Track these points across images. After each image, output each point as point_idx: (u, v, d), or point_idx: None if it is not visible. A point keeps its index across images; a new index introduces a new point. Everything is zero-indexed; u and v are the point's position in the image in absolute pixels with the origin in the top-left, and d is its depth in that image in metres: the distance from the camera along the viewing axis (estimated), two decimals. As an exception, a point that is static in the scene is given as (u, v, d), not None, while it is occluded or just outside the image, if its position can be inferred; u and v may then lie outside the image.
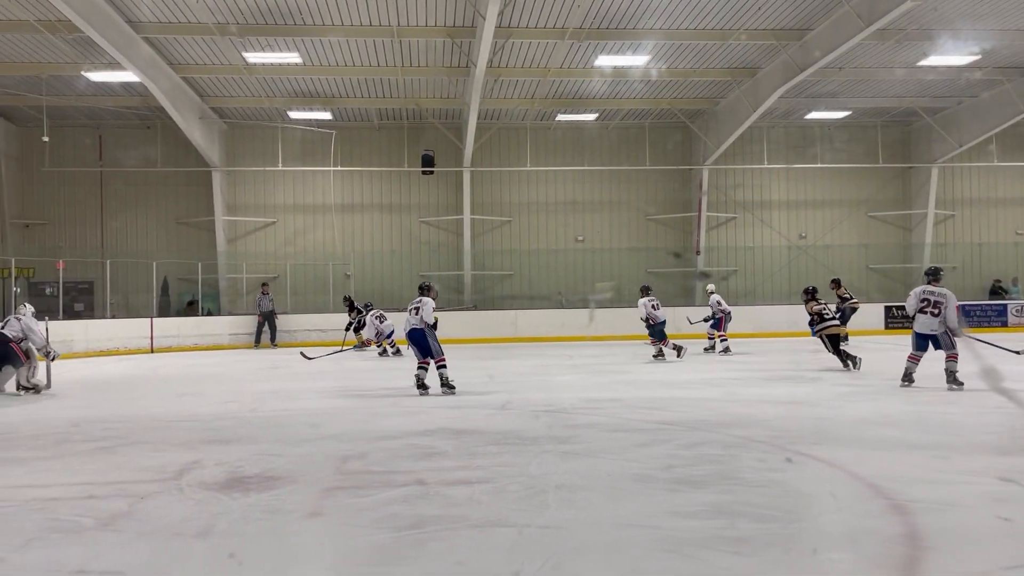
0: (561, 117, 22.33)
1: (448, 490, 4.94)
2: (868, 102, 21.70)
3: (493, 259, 23.22)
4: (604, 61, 17.79)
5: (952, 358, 9.12)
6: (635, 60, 17.83)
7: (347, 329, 17.19)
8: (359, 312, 17.19)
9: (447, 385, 9.51)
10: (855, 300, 15.01)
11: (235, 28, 15.47)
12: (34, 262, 19.80)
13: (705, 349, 15.47)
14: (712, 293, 15.98)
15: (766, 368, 12.62)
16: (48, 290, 20.05)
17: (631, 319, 16.18)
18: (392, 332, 15.45)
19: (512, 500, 4.72)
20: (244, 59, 17.12)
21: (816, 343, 12.65)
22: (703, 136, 22.37)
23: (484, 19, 13.72)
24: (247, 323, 19.60)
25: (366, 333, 16.28)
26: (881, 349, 15.30)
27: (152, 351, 17.99)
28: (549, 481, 5.14)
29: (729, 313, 15.65)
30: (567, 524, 4.26)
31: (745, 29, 16.36)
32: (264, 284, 19.75)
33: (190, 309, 21.13)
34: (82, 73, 17.42)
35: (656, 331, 14.12)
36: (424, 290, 9.98)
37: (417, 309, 9.63)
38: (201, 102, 20.11)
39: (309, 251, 22.67)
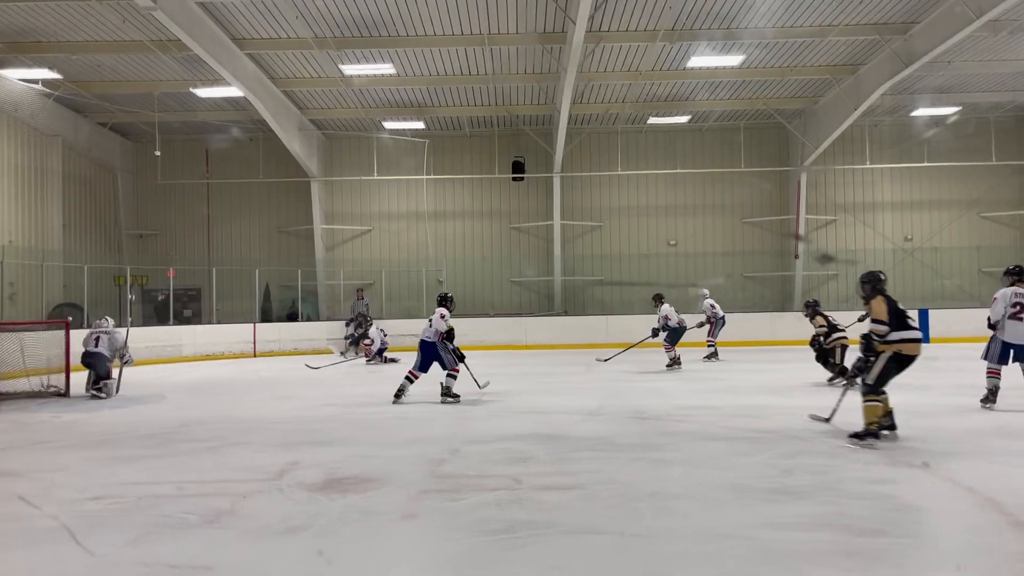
0: (653, 120, 22.05)
1: (541, 495, 4.92)
2: (980, 97, 20.55)
3: (584, 264, 23.12)
4: (697, 62, 17.46)
5: None
6: (730, 60, 17.43)
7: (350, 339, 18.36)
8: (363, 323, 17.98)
9: (449, 394, 9.56)
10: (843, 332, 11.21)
11: (332, 41, 15.94)
12: (147, 270, 20.90)
13: (705, 358, 15.14)
14: (706, 297, 15.73)
15: (871, 376, 12.05)
16: (160, 297, 21.12)
17: (729, 325, 15.82)
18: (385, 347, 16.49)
19: (605, 507, 4.66)
20: (341, 71, 17.61)
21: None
22: (801, 136, 21.68)
23: (575, 24, 13.69)
24: (345, 328, 20.10)
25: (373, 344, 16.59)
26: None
27: (255, 355, 18.67)
28: (643, 489, 5.05)
29: (723, 319, 15.45)
30: (663, 533, 4.17)
31: (845, 24, 15.78)
32: (359, 289, 20.20)
33: (291, 314, 21.86)
34: (191, 90, 18.30)
35: (675, 337, 13.80)
36: (441, 301, 9.98)
37: (431, 321, 9.70)
38: (300, 114, 20.80)
39: (403, 258, 23.11)
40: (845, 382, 9.25)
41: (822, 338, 11.13)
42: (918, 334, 6.66)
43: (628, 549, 3.92)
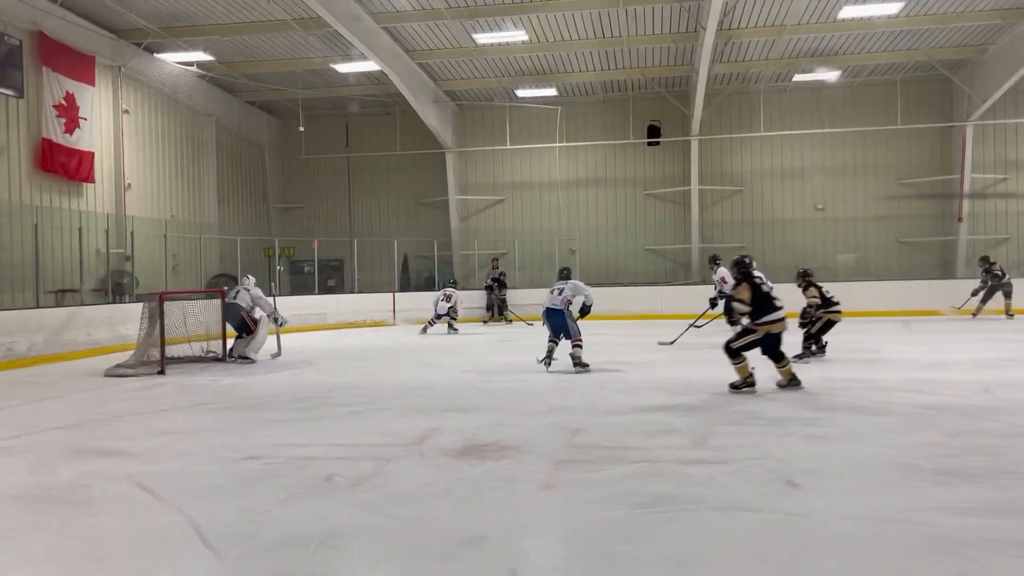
0: (798, 78, 20.81)
1: (685, 469, 4.72)
2: None
3: (723, 231, 22.29)
4: (850, 12, 16.23)
5: None
6: (886, 8, 16.07)
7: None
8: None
9: (580, 364, 9.51)
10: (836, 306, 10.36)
11: (465, 11, 15.95)
12: (293, 242, 21.89)
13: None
14: (719, 266, 13.57)
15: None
16: (306, 268, 22.06)
17: (881, 293, 14.84)
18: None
19: (755, 484, 4.40)
20: (473, 40, 17.63)
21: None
22: (967, 89, 19.87)
23: (714, -23, 13.05)
24: (481, 297, 20.35)
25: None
26: None
27: (395, 323, 19.22)
28: (795, 466, 4.75)
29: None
30: (817, 513, 3.89)
31: (1022, -40, 14.25)
32: (494, 259, 20.34)
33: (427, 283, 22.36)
34: (331, 66, 18.86)
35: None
36: (569, 273, 10.25)
37: (561, 290, 9.79)
38: (435, 86, 21.05)
39: (536, 227, 23.08)
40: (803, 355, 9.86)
41: (813, 310, 10.16)
42: (781, 314, 7.60)
43: (780, 528, 3.68)
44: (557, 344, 9.82)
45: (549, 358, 9.74)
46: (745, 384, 7.52)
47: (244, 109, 22.64)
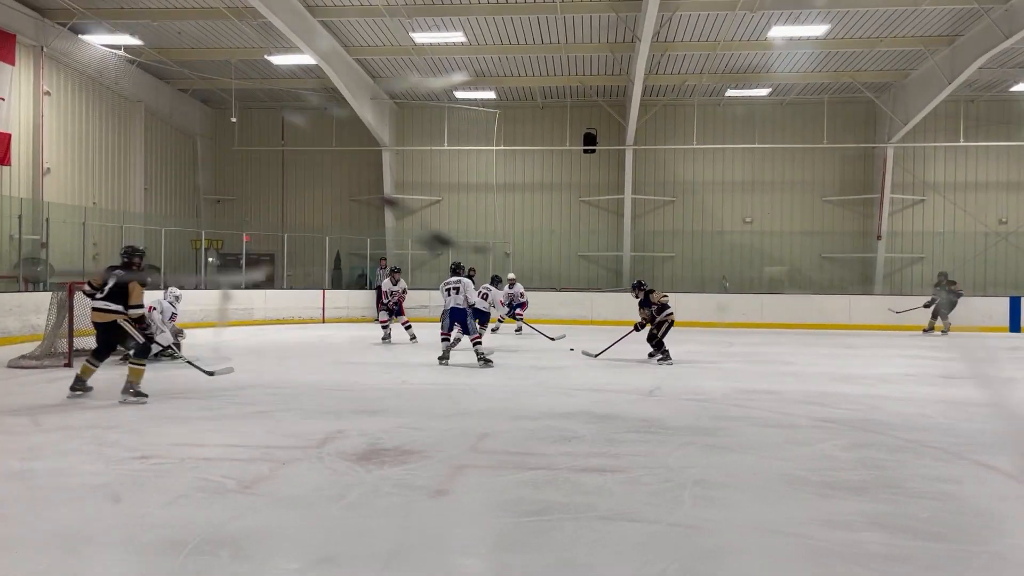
0: (731, 93, 21.32)
1: (580, 477, 4.76)
2: (1090, 70, 19.17)
3: (655, 240, 22.66)
4: (779, 32, 16.72)
5: None
6: (813, 30, 16.62)
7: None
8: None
9: (484, 360, 10.20)
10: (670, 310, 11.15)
11: (403, 8, 15.86)
12: (223, 235, 21.41)
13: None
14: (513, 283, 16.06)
15: (950, 365, 11.45)
16: (240, 261, 21.59)
17: (800, 307, 15.28)
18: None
19: (646, 493, 4.46)
20: (412, 40, 17.54)
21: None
22: (889, 111, 20.63)
23: (649, -9, 13.25)
24: (414, 297, 20.16)
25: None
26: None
27: (324, 321, 18.97)
28: (688, 476, 4.83)
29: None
30: (702, 524, 3.96)
31: (942, -9, 14.85)
32: (382, 259, 19.54)
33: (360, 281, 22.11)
34: (266, 57, 18.52)
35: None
36: (462, 270, 10.95)
37: (458, 289, 10.34)
38: (373, 83, 20.87)
39: (472, 229, 23.07)
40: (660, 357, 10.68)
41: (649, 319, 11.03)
42: None
43: (665, 539, 3.73)
44: (451, 341, 10.63)
45: (447, 356, 10.47)
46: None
47: (176, 97, 22.07)
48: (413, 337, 13.78)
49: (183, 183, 23.23)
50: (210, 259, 21.07)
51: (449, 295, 10.40)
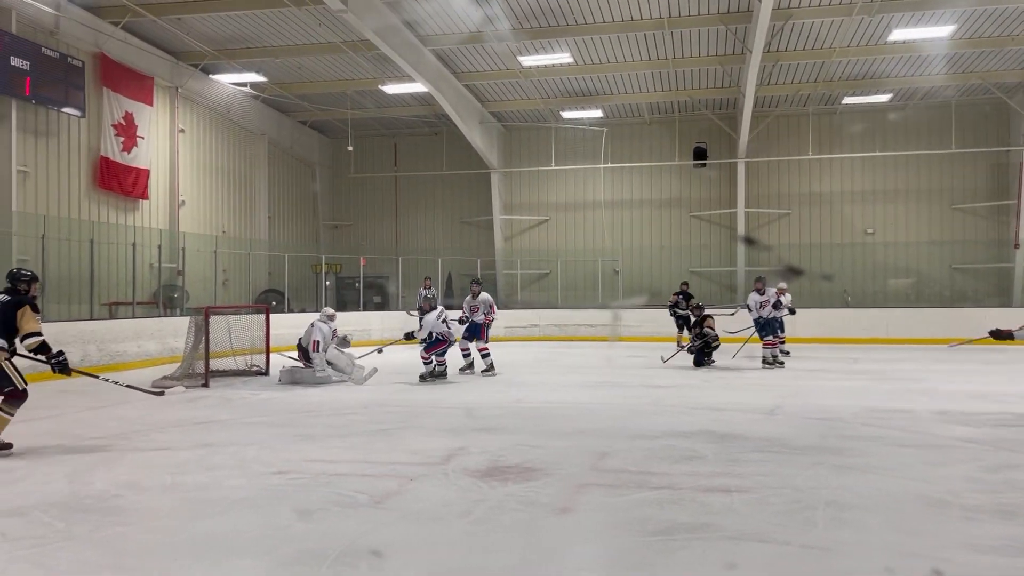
0: (848, 100, 20.52)
1: (705, 497, 4.68)
2: None
3: (770, 254, 22.01)
4: (900, 35, 15.98)
5: None
6: (938, 31, 15.79)
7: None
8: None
9: (492, 368, 11.64)
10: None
11: (511, 33, 16.14)
12: (341, 259, 22.26)
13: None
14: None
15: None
16: (357, 284, 22.40)
17: (929, 321, 14.50)
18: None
19: (773, 514, 4.35)
20: (519, 63, 17.82)
21: None
22: (1023, 112, 19.37)
23: (760, 1, 13.00)
24: (523, 316, 20.41)
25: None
26: None
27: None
28: (818, 496, 4.68)
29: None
30: (835, 546, 3.83)
31: (1080, -18, 13.89)
32: (426, 279, 17.56)
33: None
34: (380, 87, 19.23)
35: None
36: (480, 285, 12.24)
37: (479, 308, 11.81)
38: (481, 107, 21.30)
39: (580, 247, 23.09)
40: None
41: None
42: None
43: (797, 561, 3.64)
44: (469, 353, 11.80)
45: (470, 367, 11.74)
46: None
47: (295, 128, 23.19)
48: (489, 368, 11.79)
49: (303, 210, 24.33)
50: (327, 283, 21.94)
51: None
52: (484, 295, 12.14)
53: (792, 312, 13.52)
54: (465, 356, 12.04)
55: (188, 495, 4.84)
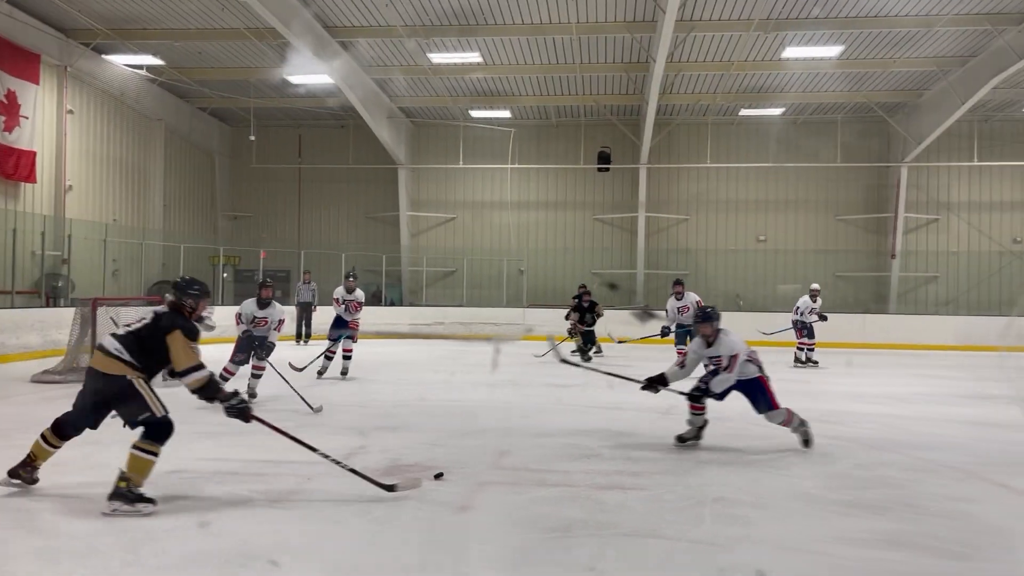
0: (744, 112, 21.43)
1: (601, 494, 4.83)
2: (1105, 91, 19.18)
3: (668, 258, 22.71)
4: (793, 53, 16.84)
5: None
6: (827, 51, 16.71)
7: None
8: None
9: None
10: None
11: (421, 30, 16.08)
12: (240, 251, 21.64)
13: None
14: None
15: (965, 384, 11.44)
16: (257, 277, 21.83)
17: (818, 326, 15.20)
18: None
19: (666, 510, 4.54)
20: (429, 60, 17.77)
21: None
22: (903, 131, 20.67)
23: (664, 12, 13.41)
24: (427, 314, 20.37)
25: None
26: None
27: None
28: (707, 493, 4.90)
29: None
30: (722, 541, 4.03)
31: (955, 14, 14.92)
32: (306, 272, 18.17)
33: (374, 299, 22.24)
34: (284, 77, 18.78)
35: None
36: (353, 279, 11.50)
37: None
38: (389, 102, 21.11)
39: (486, 246, 23.21)
40: None
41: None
42: None
43: (686, 556, 3.81)
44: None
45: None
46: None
47: (195, 115, 22.38)
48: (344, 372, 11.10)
49: (201, 200, 23.51)
50: (225, 275, 21.29)
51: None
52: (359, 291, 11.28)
53: (823, 318, 14.22)
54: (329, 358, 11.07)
55: (69, 496, 4.65)
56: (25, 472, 4.71)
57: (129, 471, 4.36)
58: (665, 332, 13.03)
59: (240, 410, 4.90)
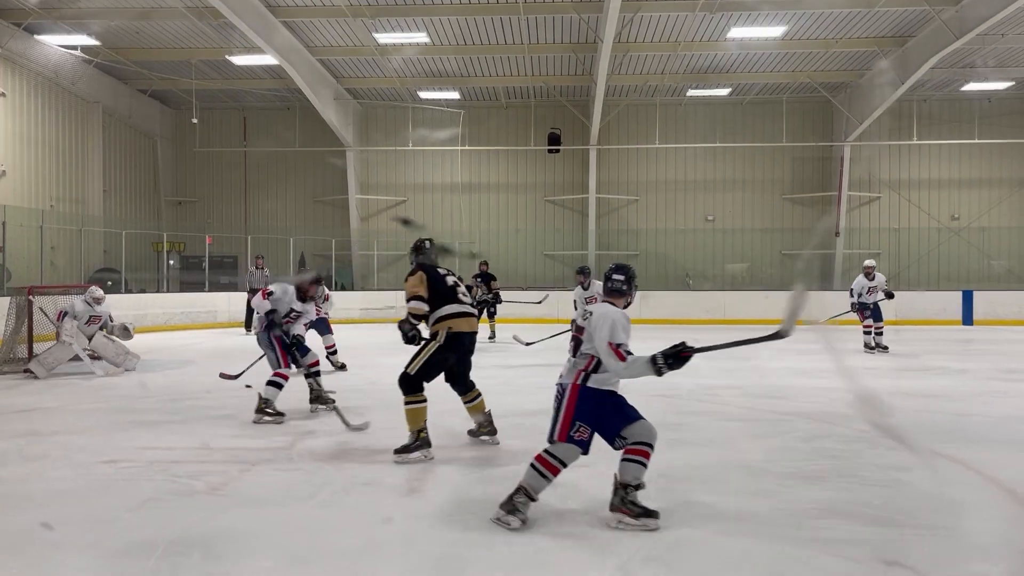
0: (692, 92, 21.62)
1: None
2: (1036, 71, 19.78)
3: (619, 239, 22.88)
4: (738, 33, 17.02)
5: None
6: (771, 31, 16.95)
7: None
8: None
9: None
10: None
11: (366, 9, 15.84)
12: (185, 237, 21.18)
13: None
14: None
15: (905, 359, 11.77)
16: (203, 264, 21.42)
17: (761, 303, 15.50)
18: None
19: (610, 487, 4.56)
20: (375, 40, 17.52)
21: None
22: (845, 111, 21.07)
23: (610, -8, 13.41)
24: (379, 298, 20.19)
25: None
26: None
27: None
28: (652, 469, 4.93)
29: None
30: (665, 516, 4.07)
31: (894, -6, 15.23)
32: (258, 257, 17.15)
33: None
34: (227, 58, 18.36)
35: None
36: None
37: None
38: (336, 84, 20.79)
39: (437, 229, 23.06)
40: None
41: None
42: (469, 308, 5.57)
43: (626, 532, 3.84)
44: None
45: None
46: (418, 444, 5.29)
47: (134, 97, 21.76)
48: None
49: (143, 185, 22.93)
50: (171, 261, 20.84)
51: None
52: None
53: (890, 296, 12.72)
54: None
55: (5, 488, 4.51)
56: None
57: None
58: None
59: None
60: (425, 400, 5.34)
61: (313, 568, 3.36)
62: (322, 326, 10.48)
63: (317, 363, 7.28)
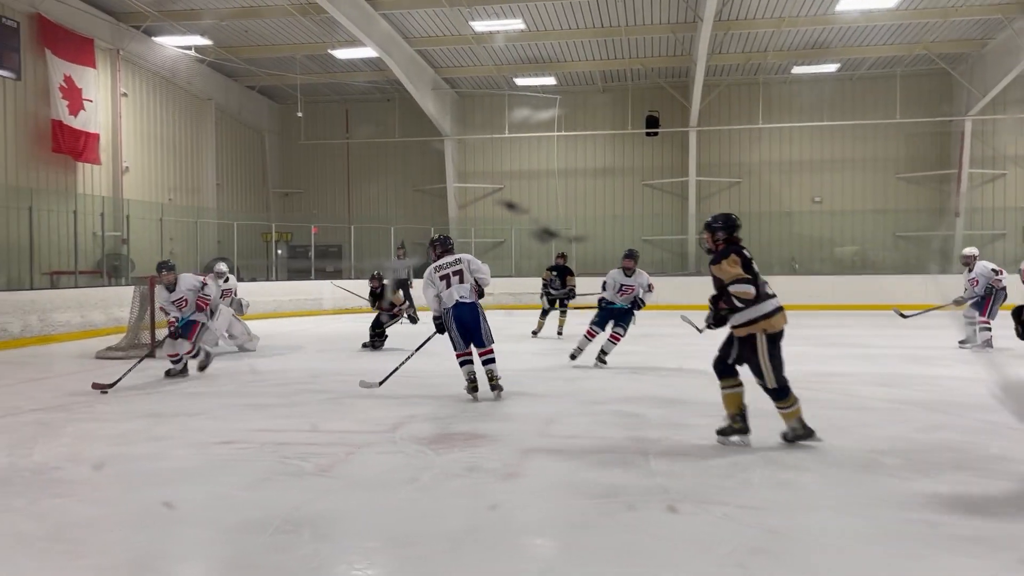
0: (797, 70, 20.79)
1: (648, 461, 4.78)
2: None
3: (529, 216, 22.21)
4: (848, 5, 16.21)
5: None
6: (884, 2, 16.06)
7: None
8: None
9: (497, 385, 6.93)
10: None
11: (463, -2, 15.94)
12: (292, 227, 21.95)
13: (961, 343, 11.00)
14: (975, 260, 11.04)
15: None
16: (309, 253, 22.13)
17: (873, 287, 14.83)
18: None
19: (716, 476, 4.46)
20: (471, 28, 17.62)
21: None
22: (967, 83, 19.82)
23: (710, -31, 13.02)
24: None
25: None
26: None
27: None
28: (759, 459, 4.81)
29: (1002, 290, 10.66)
30: (773, 507, 3.94)
31: (1021, -45, 14.19)
32: (400, 248, 17.51)
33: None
34: (329, 51, 18.86)
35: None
36: (448, 244, 7.54)
37: (458, 272, 7.12)
38: (434, 73, 21.05)
39: (534, 216, 23.09)
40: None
41: None
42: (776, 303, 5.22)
43: (733, 521, 3.74)
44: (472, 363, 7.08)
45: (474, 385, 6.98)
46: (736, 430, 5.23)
47: (244, 93, 22.67)
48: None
49: (253, 178, 23.89)
50: (279, 251, 21.65)
51: (448, 284, 7.07)
52: None
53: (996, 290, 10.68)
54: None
55: (130, 466, 4.78)
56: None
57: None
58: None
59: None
60: (740, 384, 5.31)
61: (418, 549, 3.41)
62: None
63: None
